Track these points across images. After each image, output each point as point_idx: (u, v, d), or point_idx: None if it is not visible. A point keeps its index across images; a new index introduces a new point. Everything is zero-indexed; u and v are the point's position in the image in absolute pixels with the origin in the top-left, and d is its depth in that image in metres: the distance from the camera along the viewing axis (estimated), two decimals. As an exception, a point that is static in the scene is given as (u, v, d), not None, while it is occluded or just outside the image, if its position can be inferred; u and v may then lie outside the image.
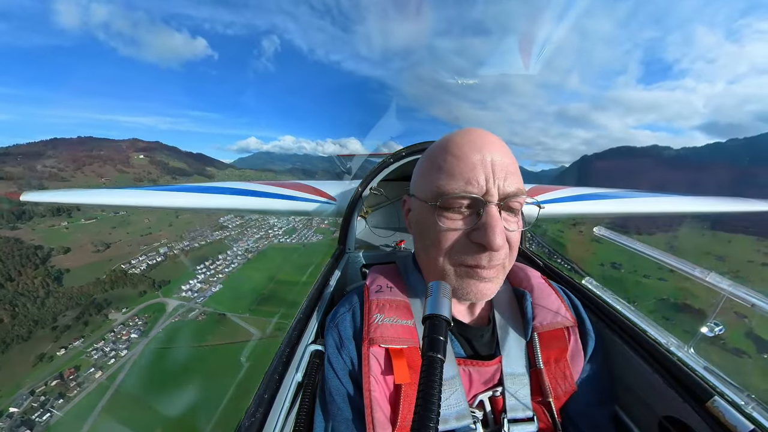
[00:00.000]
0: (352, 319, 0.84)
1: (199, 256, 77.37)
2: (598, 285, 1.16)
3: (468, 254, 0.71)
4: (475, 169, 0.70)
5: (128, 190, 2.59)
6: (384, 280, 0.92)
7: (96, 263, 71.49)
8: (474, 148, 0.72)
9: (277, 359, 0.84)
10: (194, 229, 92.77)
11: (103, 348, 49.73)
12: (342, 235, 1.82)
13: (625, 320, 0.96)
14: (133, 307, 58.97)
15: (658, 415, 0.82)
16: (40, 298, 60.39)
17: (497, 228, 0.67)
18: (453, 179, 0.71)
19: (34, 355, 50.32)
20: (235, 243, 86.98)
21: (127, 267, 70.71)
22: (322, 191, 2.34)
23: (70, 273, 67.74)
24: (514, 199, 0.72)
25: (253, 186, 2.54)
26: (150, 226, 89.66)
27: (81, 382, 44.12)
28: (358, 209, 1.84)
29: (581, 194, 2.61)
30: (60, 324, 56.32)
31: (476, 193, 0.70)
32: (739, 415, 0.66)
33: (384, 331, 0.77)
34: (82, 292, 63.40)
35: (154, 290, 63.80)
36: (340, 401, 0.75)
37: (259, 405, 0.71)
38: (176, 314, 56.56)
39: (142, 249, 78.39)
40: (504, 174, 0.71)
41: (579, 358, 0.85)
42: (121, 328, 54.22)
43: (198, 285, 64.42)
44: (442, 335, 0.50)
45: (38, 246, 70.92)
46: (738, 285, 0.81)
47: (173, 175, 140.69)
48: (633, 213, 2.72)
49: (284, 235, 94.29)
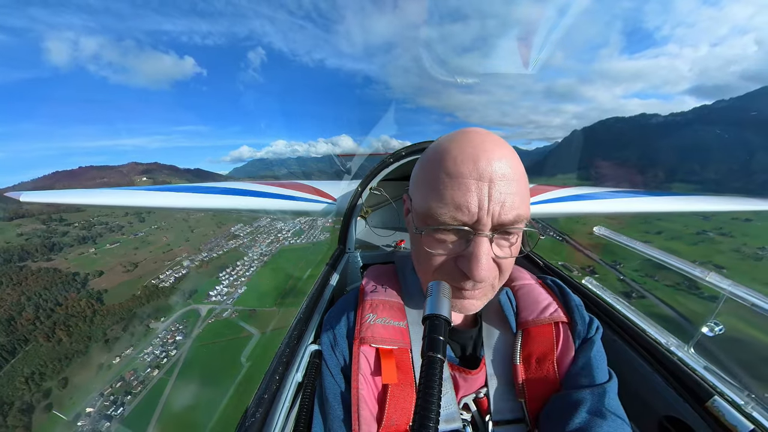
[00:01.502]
0: (347, 318, 0.84)
1: (219, 265, 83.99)
2: (597, 285, 1.16)
3: (453, 278, 0.67)
4: (467, 193, 0.62)
5: (127, 190, 2.57)
6: (380, 280, 0.92)
7: (128, 281, 78.33)
8: (470, 165, 0.62)
9: (277, 359, 0.84)
10: (210, 241, 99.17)
11: (154, 351, 56.70)
12: (342, 235, 1.83)
13: (624, 320, 0.95)
14: (170, 316, 65.92)
15: (658, 415, 0.81)
16: (89, 317, 67.47)
17: (482, 261, 0.62)
18: (443, 203, 0.63)
19: (94, 365, 57.69)
20: (250, 249, 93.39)
21: (157, 282, 77.50)
22: (322, 191, 2.36)
23: (108, 293, 74.61)
24: (511, 227, 0.64)
25: (254, 186, 2.57)
26: (169, 242, 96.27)
27: (142, 380, 51.24)
28: (358, 209, 1.83)
29: (581, 194, 2.64)
30: (110, 337, 63.55)
31: (466, 222, 0.63)
32: (739, 415, 0.65)
33: (375, 331, 0.78)
34: (123, 308, 70.33)
35: (185, 299, 70.66)
36: (332, 399, 0.75)
37: (259, 405, 0.71)
38: (211, 316, 63.44)
39: (166, 264, 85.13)
40: (502, 200, 0.62)
41: (570, 355, 0.79)
42: (165, 333, 61.20)
43: (225, 290, 71.11)
44: (442, 335, 0.49)
45: (75, 272, 77.76)
46: (738, 285, 0.80)
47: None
48: (634, 212, 2.70)
49: (293, 236, 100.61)
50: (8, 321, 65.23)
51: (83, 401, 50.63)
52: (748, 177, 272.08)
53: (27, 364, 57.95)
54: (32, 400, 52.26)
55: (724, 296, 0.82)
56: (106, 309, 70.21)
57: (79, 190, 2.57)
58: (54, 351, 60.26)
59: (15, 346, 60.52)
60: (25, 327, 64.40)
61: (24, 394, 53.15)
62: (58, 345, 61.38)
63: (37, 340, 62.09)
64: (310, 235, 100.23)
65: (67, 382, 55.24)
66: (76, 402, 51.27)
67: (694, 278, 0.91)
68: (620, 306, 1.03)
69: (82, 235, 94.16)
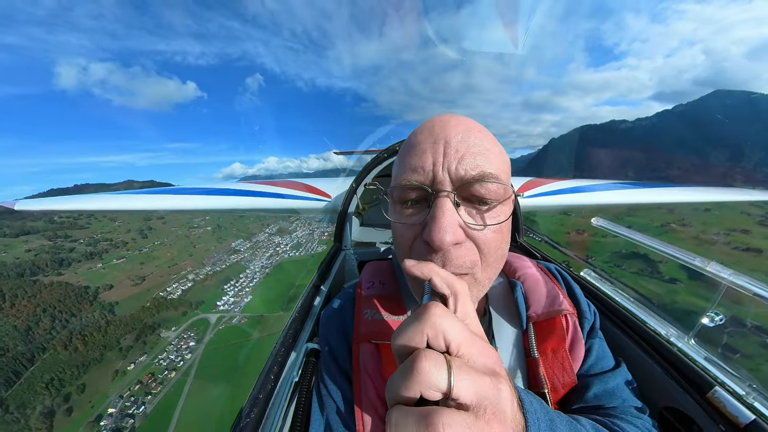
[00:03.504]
0: (344, 315, 0.83)
1: (223, 278, 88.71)
2: (596, 276, 1.15)
3: (422, 257, 0.60)
4: (423, 155, 0.60)
5: (123, 194, 2.50)
6: (377, 276, 0.90)
7: (137, 294, 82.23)
8: (428, 133, 0.62)
9: (272, 358, 0.82)
10: (213, 256, 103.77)
11: (169, 356, 60.92)
12: (338, 233, 1.79)
13: (624, 311, 0.95)
14: (180, 325, 70.24)
15: (659, 406, 0.81)
16: (102, 327, 71.12)
17: (442, 220, 0.55)
18: (402, 169, 0.63)
19: (110, 371, 61.46)
20: (251, 263, 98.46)
21: (165, 294, 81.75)
22: (317, 189, 2.31)
23: (119, 305, 78.40)
24: (478, 186, 0.58)
25: (249, 186, 2.53)
26: (173, 257, 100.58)
27: (161, 382, 55.44)
28: (353, 206, 1.81)
29: (575, 186, 2.62)
30: (123, 345, 67.40)
31: (421, 182, 0.59)
32: (740, 405, 0.65)
33: (373, 327, 0.76)
34: (134, 319, 74.16)
35: (193, 309, 75.07)
36: (332, 398, 0.73)
37: (254, 405, 0.69)
38: (221, 323, 68.19)
39: (173, 278, 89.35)
40: (459, 155, 0.58)
41: (579, 346, 0.78)
42: (178, 340, 65.50)
43: (231, 299, 75.98)
44: None
45: (86, 286, 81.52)
46: (738, 274, 0.80)
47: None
48: (627, 204, 2.72)
49: (292, 249, 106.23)
50: (26, 331, 68.55)
51: (103, 404, 54.37)
52: (707, 171, 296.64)
53: (46, 370, 61.32)
54: (53, 404, 55.60)
55: (725, 286, 0.80)
56: (118, 320, 73.98)
57: (74, 197, 2.54)
58: (71, 358, 63.76)
59: (34, 354, 63.86)
60: (42, 336, 67.84)
61: (45, 398, 56.53)
62: (75, 353, 64.90)
63: (55, 348, 65.49)
64: (308, 248, 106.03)
65: (85, 388, 58.75)
66: (96, 406, 54.88)
67: (694, 268, 0.89)
68: (620, 297, 1.02)
69: (89, 251, 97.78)
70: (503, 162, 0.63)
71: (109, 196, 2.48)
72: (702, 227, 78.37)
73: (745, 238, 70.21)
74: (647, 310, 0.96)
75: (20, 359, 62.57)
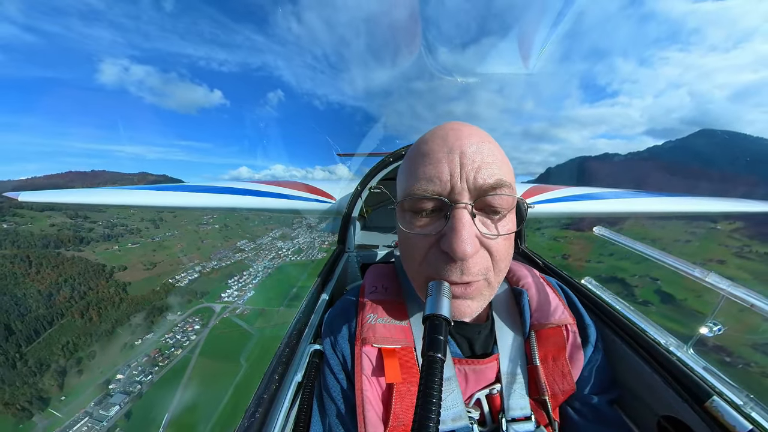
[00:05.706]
0: (348, 319, 0.83)
1: (227, 273, 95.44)
2: (597, 285, 1.15)
3: (439, 266, 0.62)
4: (438, 164, 0.61)
5: (127, 189, 2.51)
6: (380, 280, 0.91)
7: (149, 278, 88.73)
8: (439, 141, 0.63)
9: (277, 359, 0.83)
10: (219, 252, 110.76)
11: (175, 336, 66.99)
12: (341, 235, 1.78)
13: (624, 320, 0.95)
14: (186, 310, 76.60)
15: (657, 415, 0.81)
16: (116, 303, 77.54)
17: (463, 233, 0.57)
18: (415, 178, 0.63)
19: (120, 344, 67.54)
20: (254, 262, 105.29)
21: (174, 281, 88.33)
22: (322, 191, 2.31)
23: (132, 285, 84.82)
24: (493, 195, 0.60)
25: (255, 186, 2.55)
26: (183, 249, 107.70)
27: (167, 357, 61.52)
28: (358, 209, 1.82)
29: (582, 194, 2.58)
30: (133, 323, 73.66)
31: (438, 193, 0.60)
32: (738, 415, 0.65)
33: (376, 331, 0.77)
34: (145, 299, 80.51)
35: (198, 299, 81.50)
36: (333, 400, 0.74)
37: (258, 405, 0.70)
38: (225, 312, 74.65)
39: (181, 267, 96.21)
40: (476, 165, 0.60)
41: (579, 356, 0.81)
42: (184, 323, 71.72)
43: (235, 293, 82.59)
44: (442, 335, 0.49)
45: (103, 264, 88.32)
46: (737, 285, 0.80)
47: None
48: (633, 213, 2.66)
49: (293, 254, 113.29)
50: (48, 296, 74.85)
51: (110, 371, 60.23)
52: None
53: (63, 334, 67.35)
54: (66, 365, 61.43)
55: (723, 296, 0.81)
56: (130, 298, 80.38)
57: (76, 190, 2.56)
58: (86, 327, 69.85)
59: (53, 318, 70.03)
60: (62, 303, 74.07)
61: (59, 358, 62.35)
62: (89, 323, 71.02)
63: (72, 315, 71.70)
64: (309, 254, 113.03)
65: (95, 355, 64.68)
66: (105, 372, 60.71)
67: (693, 278, 0.90)
68: (620, 306, 1.02)
69: (106, 233, 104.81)
70: (510, 171, 0.65)
71: (115, 191, 2.55)
72: (680, 257, 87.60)
73: (720, 268, 77.37)
74: (647, 320, 0.95)
75: (41, 320, 68.72)
